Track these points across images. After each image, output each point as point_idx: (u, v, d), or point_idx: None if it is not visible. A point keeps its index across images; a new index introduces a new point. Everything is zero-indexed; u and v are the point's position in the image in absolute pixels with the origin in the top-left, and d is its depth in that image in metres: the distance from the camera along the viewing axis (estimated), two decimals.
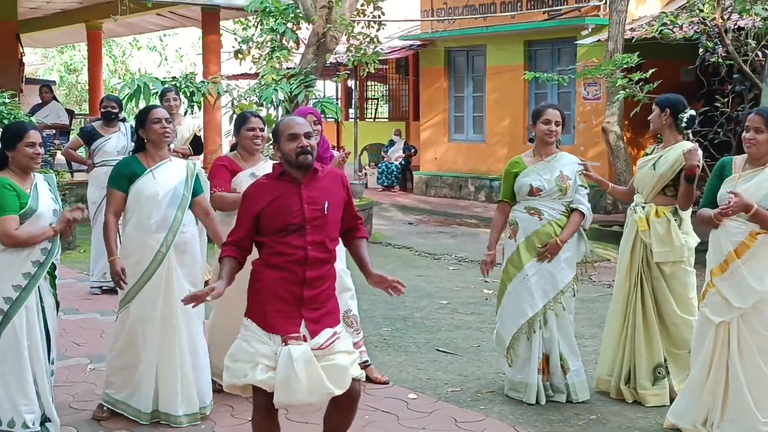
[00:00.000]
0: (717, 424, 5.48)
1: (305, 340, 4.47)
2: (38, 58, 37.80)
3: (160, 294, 5.81)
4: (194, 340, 5.96)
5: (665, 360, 6.30)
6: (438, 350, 7.71)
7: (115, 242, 5.79)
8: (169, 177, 5.90)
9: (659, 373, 6.28)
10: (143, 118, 5.95)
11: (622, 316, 6.37)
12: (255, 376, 4.44)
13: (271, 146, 5.71)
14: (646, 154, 6.50)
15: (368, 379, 6.74)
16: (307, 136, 4.60)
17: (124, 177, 5.86)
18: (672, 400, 6.09)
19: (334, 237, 4.72)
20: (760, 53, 12.42)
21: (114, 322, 6.12)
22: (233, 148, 6.74)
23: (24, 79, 19.26)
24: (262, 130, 6.50)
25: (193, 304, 4.68)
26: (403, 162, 22.19)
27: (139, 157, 5.98)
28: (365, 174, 21.83)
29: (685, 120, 6.21)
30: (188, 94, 12.90)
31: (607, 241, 13.20)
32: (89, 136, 9.96)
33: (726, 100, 12.78)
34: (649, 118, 6.41)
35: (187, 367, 5.87)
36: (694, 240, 6.32)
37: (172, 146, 9.51)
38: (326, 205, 4.59)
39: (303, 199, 4.56)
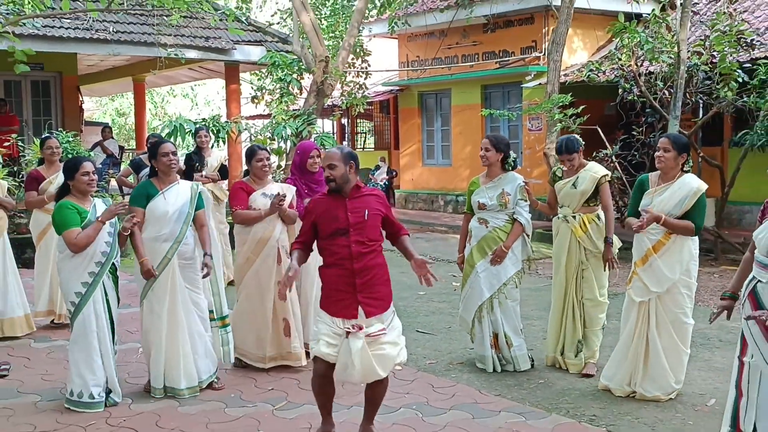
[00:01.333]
0: (639, 383, 5.60)
1: (361, 329, 4.61)
2: (94, 105, 37.69)
3: (167, 292, 5.83)
4: (192, 329, 5.95)
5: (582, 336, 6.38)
6: (417, 331, 7.74)
7: (142, 246, 5.81)
8: (176, 197, 5.93)
9: (579, 345, 6.35)
10: (154, 151, 5.98)
11: (562, 302, 6.41)
12: (319, 349, 4.70)
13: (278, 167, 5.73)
14: (555, 174, 6.53)
15: None
16: (330, 167, 4.74)
17: (142, 197, 5.91)
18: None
19: (374, 238, 4.79)
20: (666, 92, 12.52)
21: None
22: (246, 173, 6.76)
23: (83, 122, 19.21)
24: (268, 159, 6.60)
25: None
26: (386, 182, 22.21)
27: (153, 181, 6.00)
28: None
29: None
30: (215, 131, 12.94)
31: (551, 242, 13.22)
32: (137, 166, 9.95)
33: (641, 129, 12.89)
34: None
35: (187, 350, 5.90)
36: (617, 241, 6.38)
37: (204, 172, 9.59)
38: (366, 213, 4.72)
39: (347, 209, 4.72)
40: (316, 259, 6.59)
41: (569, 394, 5.85)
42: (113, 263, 5.66)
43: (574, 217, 6.29)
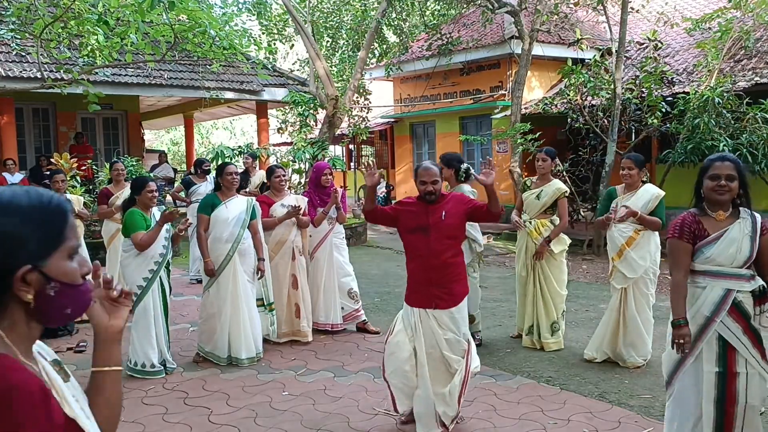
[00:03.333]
0: (620, 349, 5.58)
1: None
2: (153, 136, 37.70)
3: (230, 282, 5.83)
4: (250, 311, 5.94)
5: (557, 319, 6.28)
6: None
7: (207, 248, 5.81)
8: (235, 207, 5.94)
9: (555, 327, 6.26)
10: (221, 170, 6.04)
11: (524, 289, 6.33)
12: (393, 329, 4.45)
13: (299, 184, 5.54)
14: (525, 184, 6.45)
15: (365, 330, 6.79)
16: (433, 183, 4.21)
17: (208, 206, 5.94)
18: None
19: (452, 236, 4.24)
20: (605, 120, 12.52)
21: (202, 301, 6.14)
22: (267, 188, 6.74)
23: (144, 150, 19.21)
24: (284, 175, 6.60)
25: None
26: (385, 195, 22.19)
27: (217, 194, 6.02)
28: (362, 203, 21.80)
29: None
30: (253, 156, 12.94)
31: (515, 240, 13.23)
32: (188, 184, 9.98)
33: (585, 150, 12.89)
34: (540, 165, 6.24)
35: (247, 327, 5.89)
36: (566, 241, 6.31)
37: (248, 189, 9.59)
38: (443, 214, 4.23)
39: (428, 210, 4.25)
40: (327, 253, 6.66)
41: (530, 360, 5.84)
42: (168, 260, 5.66)
43: (531, 222, 6.24)
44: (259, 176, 10.35)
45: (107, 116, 16.45)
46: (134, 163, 12.25)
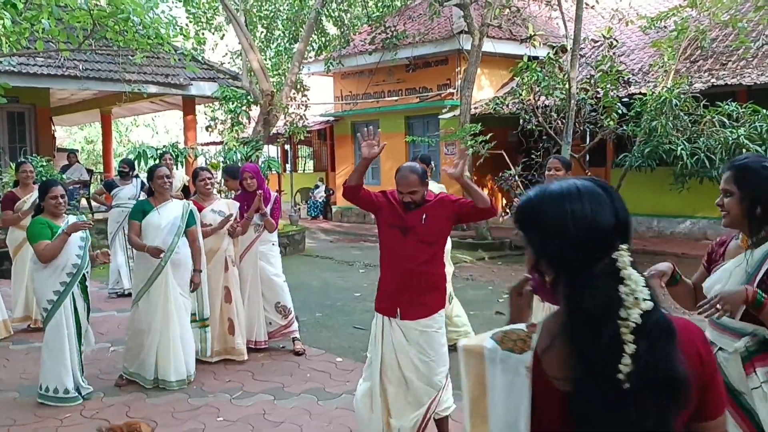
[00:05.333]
0: None
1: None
2: (65, 134, 36.54)
3: (161, 295, 5.70)
4: (183, 328, 5.82)
5: None
6: (355, 327, 7.65)
7: (141, 241, 5.68)
8: (169, 213, 5.83)
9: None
10: (151, 174, 5.96)
11: None
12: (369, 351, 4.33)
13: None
14: None
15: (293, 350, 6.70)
16: (411, 194, 4.07)
17: (139, 212, 5.83)
18: None
19: (430, 241, 4.11)
20: (559, 122, 12.79)
21: (128, 317, 5.97)
22: (194, 193, 6.70)
23: (56, 149, 18.59)
24: (210, 179, 6.56)
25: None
26: (324, 199, 22.13)
27: (149, 199, 5.92)
28: (299, 208, 21.66)
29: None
30: (175, 156, 12.65)
31: (464, 248, 13.39)
32: (110, 186, 9.74)
33: (539, 153, 13.12)
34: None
35: (177, 346, 5.75)
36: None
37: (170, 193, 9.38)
38: (423, 217, 4.10)
39: (408, 214, 4.11)
40: (252, 263, 6.56)
41: None
42: (83, 274, 5.45)
43: None
44: (179, 178, 10.15)
45: (12, 110, 15.81)
46: (44, 164, 11.82)
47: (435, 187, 6.47)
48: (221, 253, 6.38)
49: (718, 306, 2.52)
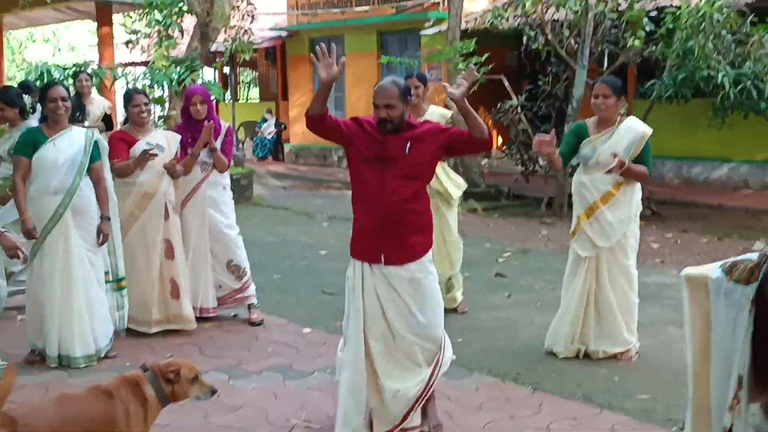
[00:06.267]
0: (594, 343, 5.69)
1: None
2: None
3: (59, 251, 5.59)
4: (90, 292, 5.74)
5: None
6: (324, 292, 7.67)
7: (25, 203, 5.53)
8: (69, 145, 5.66)
9: (450, 284, 6.80)
10: (43, 95, 5.72)
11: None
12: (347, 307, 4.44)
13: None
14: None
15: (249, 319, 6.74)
16: (387, 107, 4.18)
17: (28, 145, 5.64)
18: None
19: (414, 175, 4.26)
20: (573, 41, 12.76)
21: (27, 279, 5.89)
22: (125, 121, 6.56)
23: None
24: (146, 104, 6.43)
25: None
26: (275, 136, 21.99)
27: (42, 127, 5.74)
28: (243, 147, 21.50)
29: None
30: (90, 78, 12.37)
31: None
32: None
33: (546, 79, 13.11)
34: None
35: (83, 315, 5.68)
36: (461, 185, 6.85)
37: (86, 123, 9.18)
38: (408, 146, 4.22)
39: (389, 140, 4.23)
40: (198, 211, 6.51)
41: (490, 352, 5.94)
42: None
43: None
44: (99, 105, 9.97)
45: None
46: None
47: (436, 115, 6.44)
48: (159, 198, 6.28)
49: None
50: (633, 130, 5.56)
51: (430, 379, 4.35)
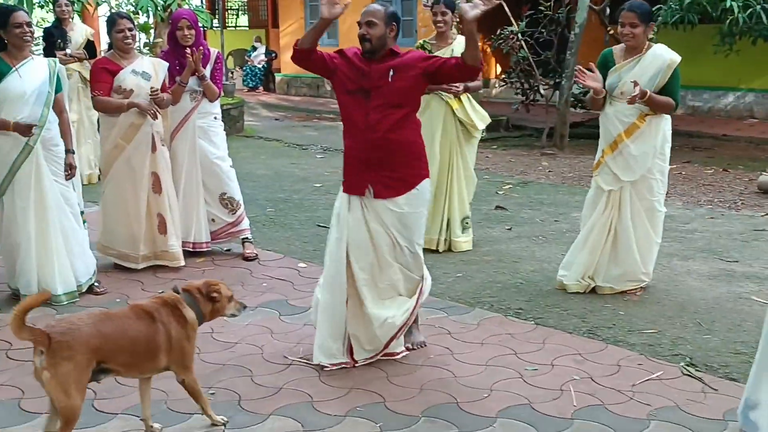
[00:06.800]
0: (604, 278, 5.67)
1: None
2: None
3: (31, 185, 5.46)
4: (65, 225, 5.64)
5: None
6: (318, 225, 7.61)
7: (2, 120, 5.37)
8: (33, 75, 5.47)
9: (466, 223, 6.77)
10: (4, 20, 5.43)
11: (437, 179, 6.47)
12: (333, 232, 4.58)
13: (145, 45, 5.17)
14: (423, 47, 6.50)
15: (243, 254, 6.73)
16: (368, 24, 4.28)
17: None
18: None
19: (397, 103, 4.35)
20: None
21: None
22: (110, 47, 6.39)
23: None
24: (131, 30, 6.24)
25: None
26: (265, 65, 21.71)
27: (3, 56, 5.48)
28: (233, 76, 21.22)
29: None
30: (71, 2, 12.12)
31: None
32: None
33: (548, 4, 12.88)
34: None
35: (61, 249, 5.60)
36: (484, 117, 6.77)
37: (68, 51, 8.99)
38: (391, 73, 4.32)
39: (372, 69, 4.34)
40: (189, 142, 6.43)
41: (490, 287, 5.90)
42: None
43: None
44: (81, 31, 9.74)
45: None
46: None
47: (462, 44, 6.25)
48: (147, 129, 6.16)
49: None
50: (660, 57, 5.42)
51: (414, 307, 4.56)
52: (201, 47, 6.39)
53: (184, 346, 3.73)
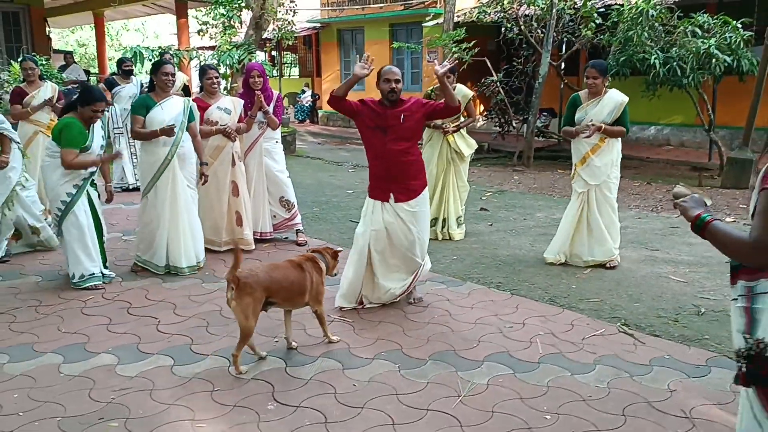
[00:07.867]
0: (587, 253, 5.78)
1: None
2: (56, 37, 34.99)
3: (168, 187, 5.53)
4: (191, 218, 5.70)
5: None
6: (351, 221, 7.60)
7: (150, 132, 5.44)
8: (171, 108, 5.57)
9: (460, 220, 6.85)
10: (157, 68, 5.59)
11: (433, 187, 6.59)
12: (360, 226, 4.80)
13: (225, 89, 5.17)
14: (429, 96, 6.52)
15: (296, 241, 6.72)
16: (396, 82, 4.50)
17: (142, 107, 5.55)
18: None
19: (408, 137, 4.56)
20: (539, 31, 12.44)
21: (135, 210, 5.83)
22: (201, 89, 6.42)
23: (51, 50, 17.79)
24: (217, 77, 6.30)
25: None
26: (311, 104, 21.70)
27: (151, 95, 5.62)
28: (287, 112, 21.22)
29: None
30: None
31: None
32: (111, 84, 9.33)
33: (519, 60, 12.84)
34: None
35: (187, 235, 5.65)
36: (472, 145, 6.79)
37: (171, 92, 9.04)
38: (402, 116, 4.52)
39: (388, 113, 4.54)
40: (257, 160, 6.43)
41: (477, 266, 5.89)
42: (93, 177, 5.32)
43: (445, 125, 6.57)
44: (180, 79, 9.80)
45: (7, 10, 15.03)
46: (44, 62, 11.29)
47: (461, 93, 6.50)
48: (228, 149, 6.20)
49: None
50: (614, 99, 5.59)
51: (411, 283, 4.81)
52: (266, 90, 6.41)
53: (320, 287, 4.02)
